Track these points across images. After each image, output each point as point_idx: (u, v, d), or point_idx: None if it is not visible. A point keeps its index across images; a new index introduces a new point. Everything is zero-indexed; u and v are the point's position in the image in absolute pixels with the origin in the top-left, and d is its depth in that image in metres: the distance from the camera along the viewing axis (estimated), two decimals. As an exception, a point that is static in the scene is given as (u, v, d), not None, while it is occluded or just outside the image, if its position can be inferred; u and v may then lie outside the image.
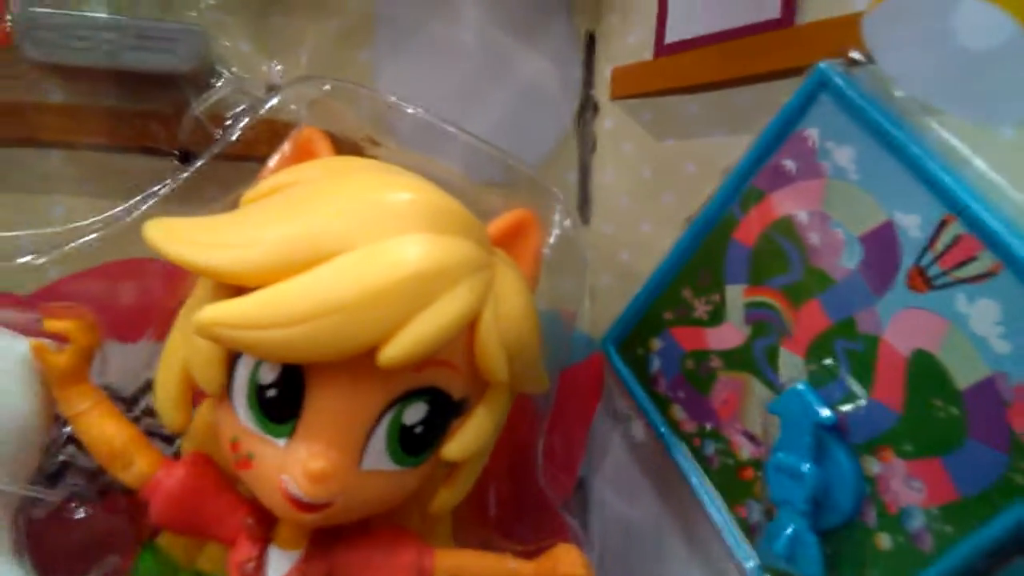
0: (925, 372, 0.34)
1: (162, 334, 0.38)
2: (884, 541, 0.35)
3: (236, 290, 0.31)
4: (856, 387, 0.36)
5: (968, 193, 0.33)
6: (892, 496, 0.35)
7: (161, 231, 0.32)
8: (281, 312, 0.30)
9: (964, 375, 0.33)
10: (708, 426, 0.43)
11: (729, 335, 0.42)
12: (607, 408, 0.51)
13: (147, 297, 0.42)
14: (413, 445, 0.34)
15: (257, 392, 0.33)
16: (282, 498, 0.33)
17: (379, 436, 0.33)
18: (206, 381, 0.34)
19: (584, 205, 0.53)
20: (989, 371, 0.32)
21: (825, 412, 0.36)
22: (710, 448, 0.43)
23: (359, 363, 0.31)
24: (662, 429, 0.45)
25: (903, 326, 0.35)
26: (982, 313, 0.32)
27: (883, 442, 0.35)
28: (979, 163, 0.34)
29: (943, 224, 0.34)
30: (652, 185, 0.48)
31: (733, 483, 0.42)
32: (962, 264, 0.33)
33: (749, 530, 0.41)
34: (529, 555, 0.40)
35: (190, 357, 0.34)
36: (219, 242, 0.32)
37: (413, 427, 0.34)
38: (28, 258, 0.40)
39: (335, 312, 0.30)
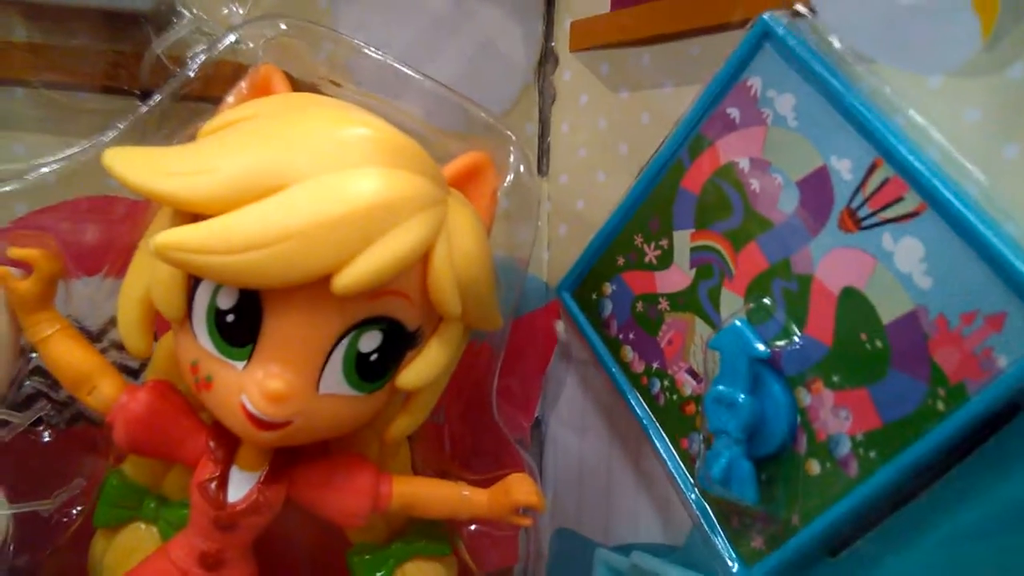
0: (853, 308, 0.36)
1: (124, 270, 0.39)
2: (814, 467, 0.37)
3: (194, 218, 0.32)
4: (790, 323, 0.38)
5: (896, 137, 0.35)
6: (821, 424, 0.37)
7: (119, 159, 0.33)
8: (235, 238, 0.31)
9: (889, 310, 0.35)
10: (655, 365, 0.45)
11: (676, 278, 0.44)
12: (563, 352, 0.53)
13: (111, 233, 0.43)
14: (369, 372, 0.36)
15: (216, 317, 0.34)
16: (241, 416, 0.34)
17: (336, 361, 0.35)
18: (167, 306, 0.35)
19: (543, 156, 0.54)
20: (912, 305, 0.34)
21: (760, 347, 0.38)
22: (656, 386, 0.45)
23: (315, 290, 0.32)
24: (613, 369, 0.47)
25: (834, 265, 0.37)
26: (906, 251, 0.34)
27: (813, 374, 0.37)
28: (909, 110, 0.36)
29: (873, 167, 0.35)
30: (608, 136, 0.50)
31: (677, 418, 0.44)
32: (889, 205, 0.35)
33: (690, 461, 0.43)
34: (484, 484, 0.42)
35: (151, 283, 0.35)
36: (176, 170, 0.33)
37: (369, 354, 0.35)
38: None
39: (288, 239, 0.31)
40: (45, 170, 0.42)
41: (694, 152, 0.43)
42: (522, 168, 0.45)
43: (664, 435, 0.44)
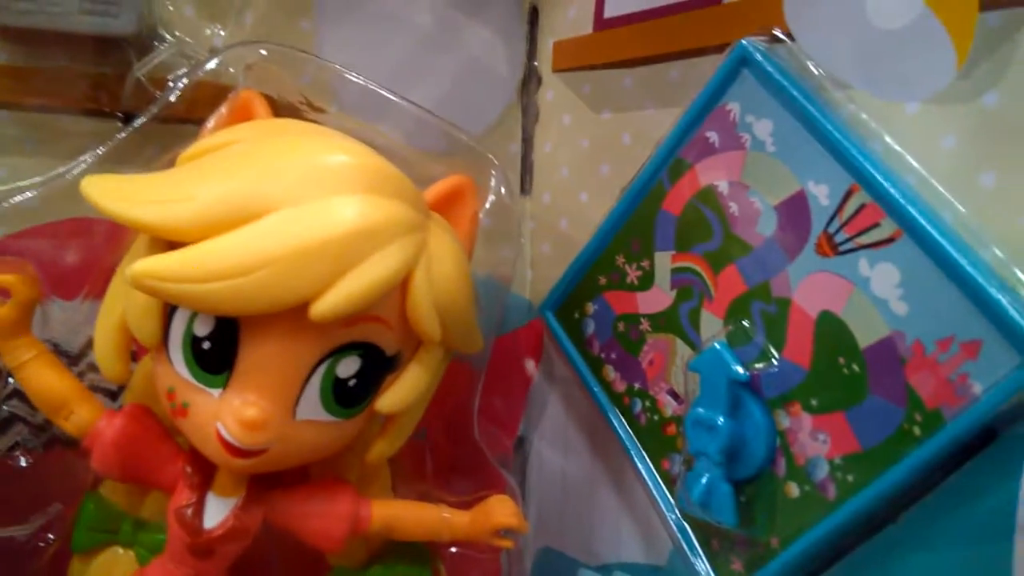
0: (830, 332, 0.36)
1: (103, 292, 0.39)
2: (792, 489, 0.38)
3: (171, 245, 0.32)
4: (769, 346, 0.39)
5: (872, 164, 0.35)
6: (800, 448, 0.37)
7: (97, 187, 0.33)
8: (211, 266, 0.31)
9: (865, 334, 0.35)
10: (636, 385, 0.45)
11: (657, 299, 0.44)
12: (546, 371, 0.53)
13: (90, 255, 0.43)
14: (347, 397, 0.36)
15: (192, 344, 0.34)
16: (217, 444, 0.34)
17: (313, 387, 0.35)
18: (143, 333, 0.35)
19: (526, 175, 0.54)
20: (888, 330, 0.34)
21: (740, 369, 0.38)
22: (638, 406, 0.45)
23: (292, 317, 0.32)
24: (595, 389, 0.47)
25: (811, 289, 0.37)
26: (882, 276, 0.35)
27: (792, 398, 0.38)
28: (886, 137, 0.36)
29: (849, 193, 0.36)
30: (590, 156, 0.50)
31: (658, 438, 0.44)
32: (865, 230, 0.35)
33: (671, 482, 0.43)
34: (466, 506, 0.42)
35: (128, 310, 0.35)
36: (153, 198, 0.33)
37: (347, 380, 0.35)
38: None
39: (264, 267, 0.31)
40: (26, 194, 0.42)
41: (674, 175, 0.43)
42: (503, 190, 0.45)
43: (645, 456, 0.45)
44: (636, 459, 0.45)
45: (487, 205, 0.46)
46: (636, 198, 0.45)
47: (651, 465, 0.44)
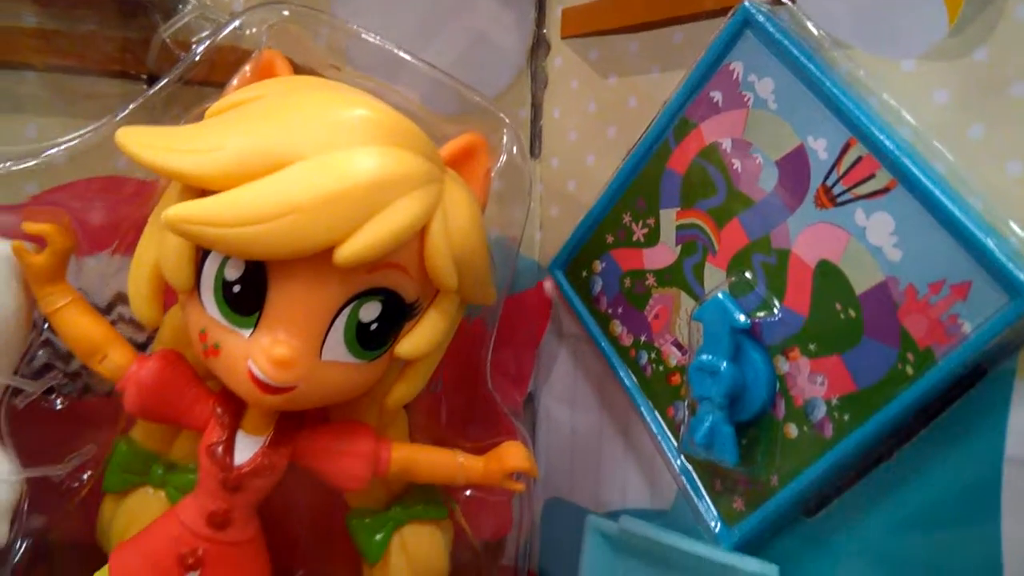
0: (828, 280, 0.38)
1: (133, 247, 0.41)
2: (791, 430, 0.40)
3: (201, 194, 0.34)
4: (770, 296, 0.40)
5: (869, 119, 0.37)
6: (798, 391, 0.39)
7: (132, 137, 0.35)
8: (241, 211, 0.33)
9: (861, 281, 0.37)
10: (642, 338, 0.47)
11: (662, 255, 0.46)
12: (555, 329, 0.55)
13: (120, 211, 0.45)
14: (369, 340, 0.37)
15: (223, 287, 0.36)
16: (248, 381, 0.36)
17: (337, 330, 0.36)
18: (176, 277, 0.37)
19: (535, 140, 0.56)
20: (883, 276, 0.36)
21: (741, 318, 0.40)
22: (644, 358, 0.47)
23: (318, 262, 0.34)
24: (603, 343, 0.49)
25: (810, 240, 0.39)
26: (878, 225, 0.37)
27: (791, 343, 0.40)
28: (882, 93, 0.38)
29: (847, 147, 0.38)
30: (597, 119, 0.51)
31: (663, 388, 0.46)
32: (862, 182, 0.37)
33: (676, 428, 0.45)
34: (479, 452, 0.44)
35: (162, 256, 0.37)
36: (185, 148, 0.34)
37: (369, 324, 0.37)
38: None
39: (292, 213, 0.33)
40: (56, 151, 0.43)
41: (679, 134, 0.44)
42: (515, 149, 0.47)
43: (651, 405, 0.47)
44: (643, 408, 0.47)
45: (500, 164, 0.47)
46: (642, 158, 0.46)
47: (657, 413, 0.46)
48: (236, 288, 0.36)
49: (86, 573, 0.40)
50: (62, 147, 0.44)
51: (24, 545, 0.42)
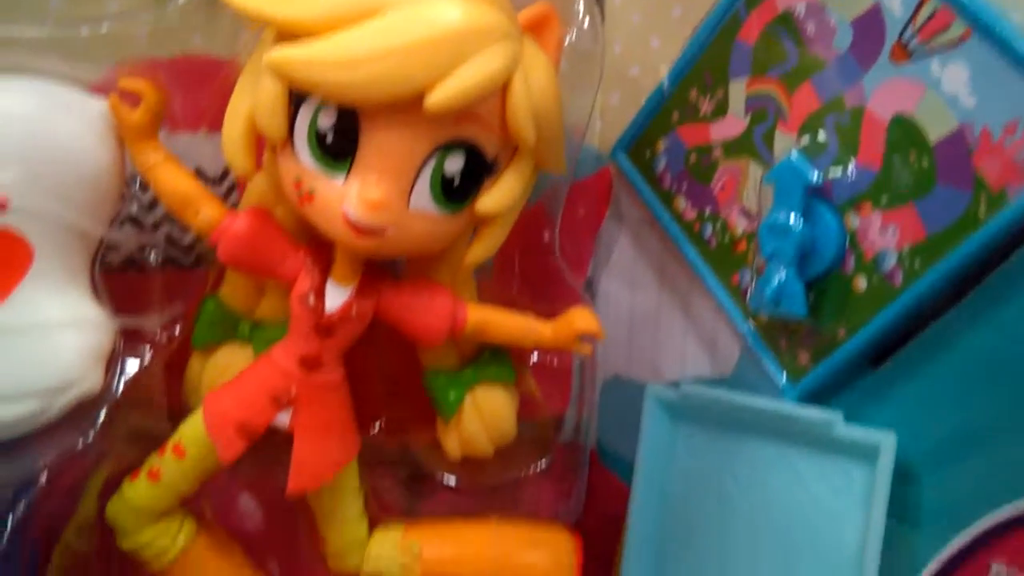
0: (903, 133, 0.39)
1: (219, 125, 0.42)
2: (860, 283, 0.41)
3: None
4: (842, 154, 0.42)
5: (945, -30, 0.37)
6: (869, 244, 0.41)
7: None
8: (340, 54, 0.35)
9: (936, 130, 0.38)
10: (708, 210, 0.48)
11: (731, 126, 0.47)
12: (615, 214, 0.56)
13: (202, 90, 0.46)
14: (452, 193, 0.39)
15: (317, 136, 0.38)
16: (342, 224, 0.38)
17: (424, 179, 0.38)
18: (270, 127, 0.38)
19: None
20: (957, 123, 0.37)
21: (814, 175, 0.41)
22: (708, 230, 0.48)
23: (407, 111, 0.36)
24: (666, 221, 0.50)
25: (885, 95, 0.40)
26: (953, 74, 0.38)
27: (863, 199, 0.41)
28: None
29: (922, 2, 0.38)
30: (661, 1, 0.52)
31: (729, 257, 0.47)
32: (937, 34, 0.38)
33: (741, 294, 0.46)
34: (547, 317, 0.46)
35: (256, 106, 0.39)
36: None
37: (452, 177, 0.39)
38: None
39: (386, 57, 0.35)
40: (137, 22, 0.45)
41: (751, 5, 0.45)
42: (587, 24, 0.48)
43: (716, 275, 0.48)
44: (707, 279, 0.48)
45: (567, 44, 0.48)
46: (711, 32, 0.47)
47: (721, 282, 0.48)
48: (329, 136, 0.38)
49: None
50: (144, 21, 0.45)
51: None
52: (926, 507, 0.40)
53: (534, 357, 0.50)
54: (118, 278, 0.45)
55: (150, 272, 0.46)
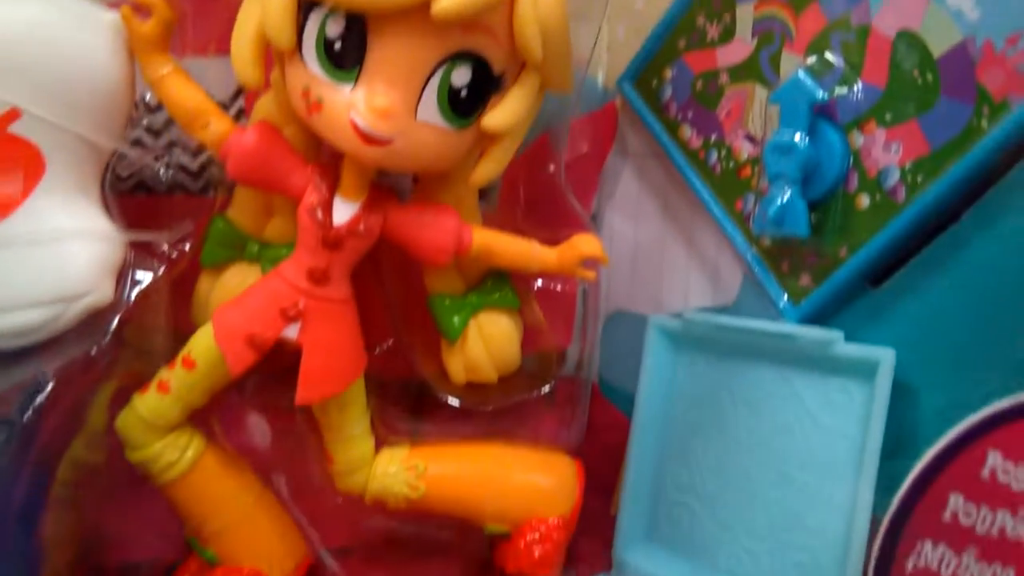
0: (907, 48, 0.40)
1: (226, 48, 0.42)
2: (863, 201, 0.41)
3: None
4: (848, 73, 0.42)
5: None
6: (872, 162, 0.41)
7: None
8: None
9: (940, 44, 0.38)
10: (713, 137, 0.49)
11: (737, 50, 0.47)
12: (619, 148, 0.56)
13: (215, 14, 0.46)
14: (459, 105, 0.39)
15: (325, 43, 0.38)
16: (350, 132, 0.38)
17: (431, 90, 0.38)
18: (279, 36, 0.39)
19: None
20: (961, 36, 0.38)
21: (820, 93, 0.42)
22: (713, 157, 0.49)
23: (415, 20, 0.36)
24: (671, 150, 0.51)
25: (890, 12, 0.40)
26: (959, -12, 0.38)
27: (867, 117, 0.41)
28: None
29: (929, -85, 0.38)
30: (667, -69, 0.52)
31: (733, 183, 0.48)
32: (945, -52, 0.38)
33: (744, 220, 0.47)
34: (552, 243, 0.46)
35: (265, 16, 0.39)
36: None
37: (459, 89, 0.39)
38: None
39: None
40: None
41: (757, -72, 0.45)
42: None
43: (720, 202, 0.48)
44: (711, 206, 0.49)
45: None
46: (718, -40, 0.47)
47: (725, 209, 0.48)
48: (337, 44, 0.38)
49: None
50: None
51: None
52: (923, 424, 0.41)
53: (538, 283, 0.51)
54: (128, 200, 0.46)
55: (159, 196, 0.47)
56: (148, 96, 0.47)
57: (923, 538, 0.36)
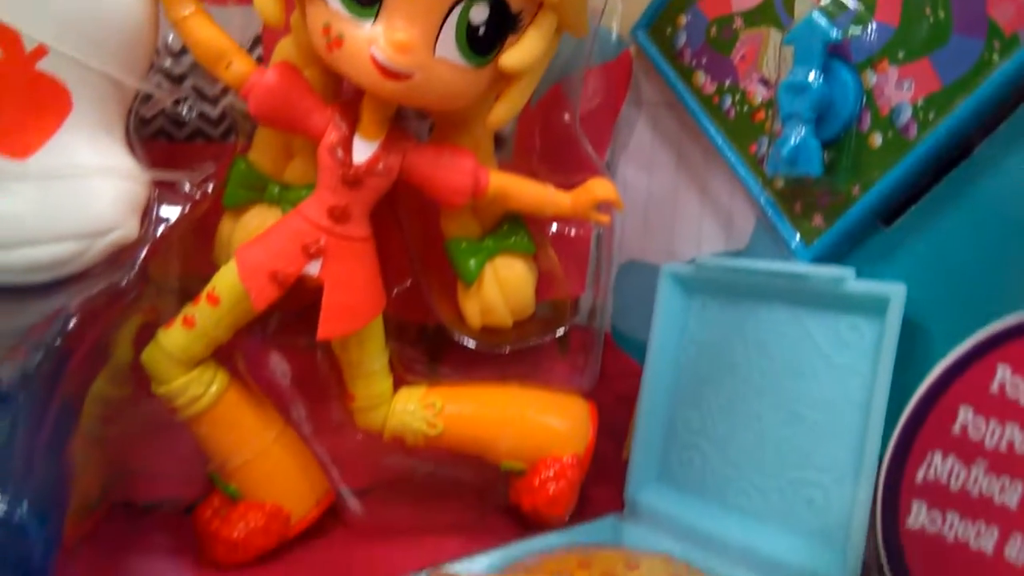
0: (921, -14, 0.40)
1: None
2: (876, 139, 0.42)
3: None
4: (862, 12, 0.42)
5: None
6: (885, 100, 0.41)
7: None
8: None
9: (953, -20, 0.39)
10: (727, 82, 0.49)
11: (752, -6, 0.47)
12: (633, 99, 0.57)
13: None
14: (477, 43, 0.40)
15: None
16: (370, 66, 0.39)
17: (450, 27, 0.39)
18: None
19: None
20: (975, -28, 0.38)
21: (834, 32, 0.42)
22: (727, 102, 0.49)
23: None
24: (685, 97, 0.51)
25: (905, -50, 0.40)
26: (974, -76, 0.38)
27: (880, 56, 0.42)
28: None
29: None
30: None
31: (747, 127, 0.48)
32: None
33: (758, 163, 0.47)
34: (567, 188, 0.47)
35: (286, -50, 0.39)
36: None
37: (478, 27, 0.40)
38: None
39: None
40: None
41: None
42: None
43: (734, 146, 0.49)
44: (724, 151, 0.49)
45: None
46: (735, -95, 0.48)
47: (739, 153, 0.49)
48: None
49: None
50: None
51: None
52: (934, 361, 0.42)
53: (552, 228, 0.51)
54: (150, 145, 0.46)
55: (180, 143, 0.48)
56: (171, 38, 0.48)
57: (933, 449, 0.36)
